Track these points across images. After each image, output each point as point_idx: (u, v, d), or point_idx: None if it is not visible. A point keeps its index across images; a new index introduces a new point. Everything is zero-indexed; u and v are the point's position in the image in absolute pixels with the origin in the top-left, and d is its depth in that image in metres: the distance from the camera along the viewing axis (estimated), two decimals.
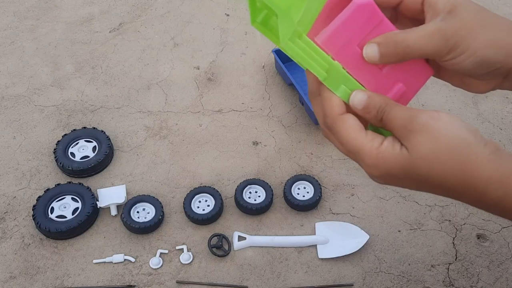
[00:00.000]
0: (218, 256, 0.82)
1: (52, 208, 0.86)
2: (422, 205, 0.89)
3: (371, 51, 0.45)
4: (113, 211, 0.86)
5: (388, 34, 0.45)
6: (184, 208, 0.86)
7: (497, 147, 0.44)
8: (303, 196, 0.88)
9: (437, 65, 0.49)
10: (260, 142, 0.98)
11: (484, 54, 0.45)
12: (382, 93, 0.47)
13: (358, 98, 0.46)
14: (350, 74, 0.46)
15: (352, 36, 0.45)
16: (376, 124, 0.47)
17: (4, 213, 0.87)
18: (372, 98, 0.46)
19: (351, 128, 0.46)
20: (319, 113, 0.49)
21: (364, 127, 0.47)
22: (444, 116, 0.44)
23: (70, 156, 0.93)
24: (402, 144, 0.45)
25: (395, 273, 0.80)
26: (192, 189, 0.88)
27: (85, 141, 0.95)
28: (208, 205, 0.87)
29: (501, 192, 0.43)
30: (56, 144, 0.94)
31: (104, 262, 0.81)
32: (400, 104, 0.46)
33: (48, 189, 0.88)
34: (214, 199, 0.87)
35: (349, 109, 0.47)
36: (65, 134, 0.96)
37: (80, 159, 0.92)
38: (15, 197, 0.90)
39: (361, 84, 0.47)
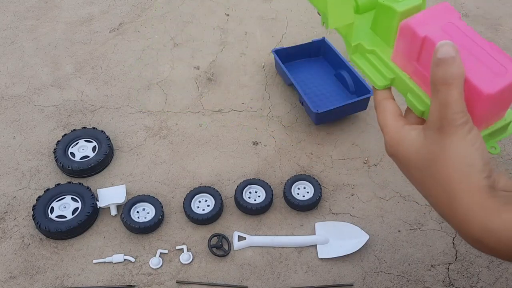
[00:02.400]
0: (218, 256, 0.82)
1: (52, 208, 0.86)
2: (422, 205, 0.89)
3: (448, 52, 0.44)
4: (113, 211, 0.86)
5: None
6: (184, 208, 0.86)
7: (493, 182, 0.44)
8: (303, 196, 0.88)
9: None
10: (260, 142, 0.98)
11: None
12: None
13: (445, 49, 0.43)
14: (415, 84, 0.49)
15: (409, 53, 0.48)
16: (431, 81, 0.45)
17: (4, 213, 0.87)
18: (455, 59, 0.43)
19: (386, 110, 0.49)
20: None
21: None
22: (474, 131, 0.43)
23: (70, 156, 0.93)
24: (439, 132, 0.44)
25: (395, 273, 0.80)
26: (192, 189, 0.88)
27: (85, 141, 0.95)
28: (208, 205, 0.87)
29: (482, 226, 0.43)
30: (56, 144, 0.94)
31: (104, 262, 0.81)
32: (460, 87, 0.44)
33: (48, 189, 0.88)
34: (214, 199, 0.87)
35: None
36: (65, 134, 0.96)
37: (80, 159, 0.92)
38: (15, 197, 0.90)
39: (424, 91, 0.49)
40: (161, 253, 0.82)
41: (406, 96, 0.49)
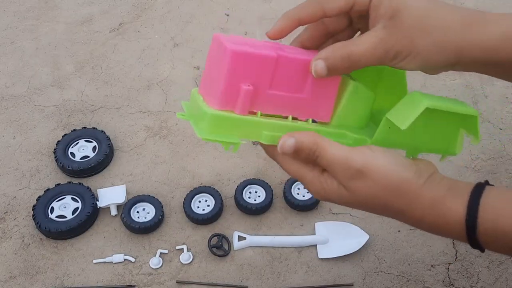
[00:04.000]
0: (218, 256, 0.82)
1: (52, 208, 0.86)
2: None
3: (320, 67, 0.46)
4: (113, 211, 0.86)
5: (333, 47, 0.46)
6: (184, 208, 0.86)
7: (430, 172, 0.46)
8: (303, 196, 0.88)
9: None
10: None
11: (426, 58, 0.46)
12: (311, 112, 0.49)
13: (287, 144, 0.47)
14: (270, 117, 0.48)
15: (255, 83, 0.45)
16: (312, 164, 0.48)
17: (4, 213, 0.87)
18: (300, 142, 0.46)
19: (290, 164, 0.50)
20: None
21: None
22: (379, 156, 0.46)
23: (70, 156, 0.93)
24: (340, 184, 0.47)
25: (395, 273, 0.80)
26: (192, 189, 0.89)
27: (85, 141, 0.95)
28: (208, 205, 0.87)
29: (434, 216, 0.46)
30: (56, 144, 0.94)
31: (104, 262, 0.81)
32: (329, 141, 0.46)
33: (48, 189, 0.88)
34: (214, 199, 0.87)
35: None
36: (65, 134, 0.96)
37: (80, 159, 0.92)
38: (15, 197, 0.90)
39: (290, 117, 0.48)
40: (161, 253, 0.82)
41: (261, 134, 0.47)
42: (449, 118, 0.50)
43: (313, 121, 0.50)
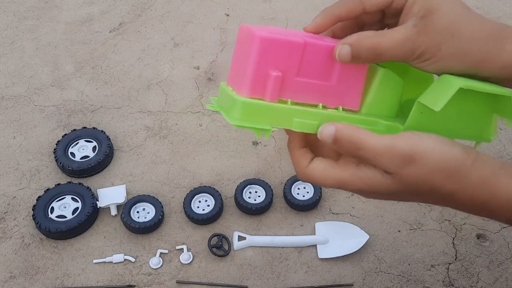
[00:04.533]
0: (218, 256, 0.82)
1: (52, 208, 0.86)
2: (422, 205, 0.89)
3: (344, 51, 0.46)
4: (113, 211, 0.86)
5: (361, 36, 0.45)
6: (184, 208, 0.86)
7: (476, 152, 0.45)
8: (303, 196, 0.88)
9: None
10: (260, 142, 0.98)
11: (446, 64, 0.46)
12: (340, 100, 0.48)
13: (327, 131, 0.46)
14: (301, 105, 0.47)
15: (282, 69, 0.45)
16: (351, 157, 0.47)
17: (4, 213, 0.87)
18: (341, 131, 0.45)
19: (320, 172, 0.47)
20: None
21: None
22: (425, 138, 0.44)
23: (70, 156, 0.93)
24: (386, 172, 0.45)
25: (395, 273, 0.80)
26: (192, 189, 0.89)
27: (85, 141, 0.95)
28: (208, 205, 0.87)
29: (486, 196, 0.44)
30: (56, 144, 0.94)
31: (104, 262, 0.81)
32: (368, 131, 0.45)
33: (48, 189, 0.88)
34: (214, 199, 0.87)
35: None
36: (65, 134, 0.96)
37: (80, 159, 0.92)
38: (15, 197, 0.90)
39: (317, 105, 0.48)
40: (161, 253, 0.82)
41: (292, 121, 0.46)
42: (482, 100, 0.49)
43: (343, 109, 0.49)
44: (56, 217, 0.84)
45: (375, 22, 0.51)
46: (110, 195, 0.87)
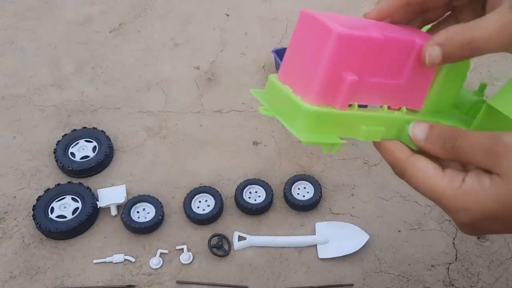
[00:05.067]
0: (218, 256, 0.82)
1: (52, 208, 0.86)
2: (422, 205, 0.89)
3: (435, 53, 0.39)
4: (113, 211, 0.86)
5: (451, 32, 0.39)
6: (184, 208, 0.86)
7: None
8: (303, 196, 0.88)
9: None
10: (260, 142, 0.98)
11: None
12: (405, 100, 0.42)
13: (419, 127, 0.40)
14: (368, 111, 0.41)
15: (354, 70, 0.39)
16: (446, 157, 0.40)
17: (4, 213, 0.87)
18: (435, 126, 0.40)
19: (422, 170, 0.39)
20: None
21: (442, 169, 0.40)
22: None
23: (70, 156, 0.93)
24: (490, 173, 0.37)
25: (395, 273, 0.80)
26: (192, 189, 0.88)
27: (85, 141, 0.95)
28: (208, 205, 0.87)
29: None
30: (56, 144, 0.94)
31: (104, 262, 0.81)
32: (469, 130, 0.39)
33: (48, 189, 0.88)
34: (214, 199, 0.87)
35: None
36: (65, 134, 0.96)
37: (80, 159, 0.92)
38: (15, 197, 0.90)
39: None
40: (161, 253, 0.82)
41: (359, 129, 0.41)
42: None
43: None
44: (56, 217, 0.84)
45: (441, 5, 0.45)
46: (110, 195, 0.87)
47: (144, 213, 0.86)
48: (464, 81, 0.45)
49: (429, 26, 0.47)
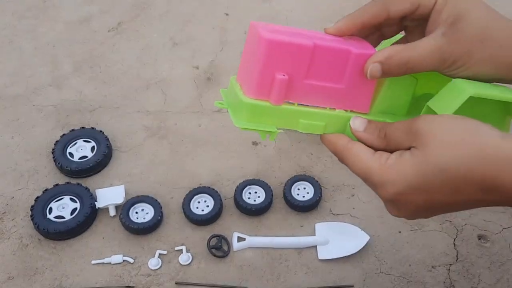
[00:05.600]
0: (218, 257, 0.81)
1: (51, 209, 0.85)
2: None
3: (375, 69, 0.45)
4: (112, 212, 0.86)
5: (391, 52, 0.45)
6: (183, 208, 0.86)
7: (504, 132, 0.42)
8: (303, 196, 0.87)
9: None
10: (260, 142, 0.98)
11: (478, 70, 0.46)
12: (349, 103, 0.48)
13: (359, 120, 0.47)
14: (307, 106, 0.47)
15: (289, 72, 0.44)
16: (382, 145, 0.46)
17: (2, 213, 0.87)
18: (371, 121, 0.47)
19: (356, 153, 0.46)
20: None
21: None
22: (444, 114, 0.44)
23: (69, 156, 0.92)
24: (409, 149, 0.43)
25: (396, 274, 0.80)
26: (191, 189, 0.88)
27: (84, 141, 0.95)
28: (208, 206, 0.86)
29: None
30: (55, 144, 0.94)
31: (103, 263, 0.81)
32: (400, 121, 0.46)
33: (46, 190, 0.87)
34: (214, 199, 0.86)
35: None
36: (63, 134, 0.96)
37: (79, 159, 0.92)
38: (13, 197, 0.89)
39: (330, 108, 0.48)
40: (160, 254, 0.82)
41: (298, 122, 0.47)
42: (494, 106, 0.48)
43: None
44: (55, 217, 0.84)
45: (394, 24, 0.50)
46: (109, 196, 0.87)
47: (143, 213, 0.85)
48: (412, 92, 0.50)
49: (387, 40, 0.53)
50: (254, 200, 0.86)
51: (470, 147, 0.40)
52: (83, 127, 0.97)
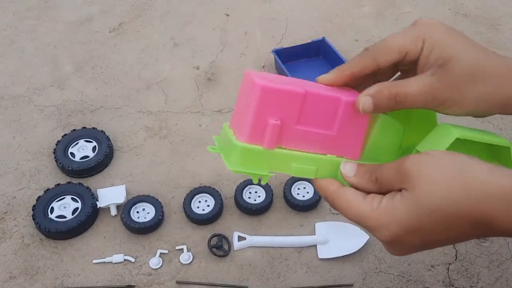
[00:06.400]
0: (218, 256, 0.82)
1: (52, 208, 0.85)
2: None
3: (367, 103, 0.46)
4: (113, 211, 0.86)
5: (381, 86, 0.46)
6: (184, 208, 0.86)
7: (490, 164, 0.43)
8: (303, 196, 0.88)
9: None
10: None
11: (472, 108, 0.46)
12: (340, 150, 0.49)
13: (349, 165, 0.47)
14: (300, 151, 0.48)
15: (281, 118, 0.45)
16: (373, 189, 0.46)
17: (4, 213, 0.87)
18: (362, 164, 0.47)
19: (347, 199, 0.46)
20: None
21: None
22: (430, 151, 0.43)
23: (70, 156, 0.93)
24: (400, 191, 0.43)
25: (395, 273, 0.80)
26: (192, 189, 0.88)
27: (85, 141, 0.95)
28: (208, 205, 0.86)
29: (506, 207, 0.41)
30: (56, 144, 0.94)
31: (104, 262, 0.81)
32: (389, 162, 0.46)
33: (48, 189, 0.88)
34: (214, 199, 0.87)
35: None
36: (65, 134, 0.96)
37: (80, 159, 0.92)
38: (15, 197, 0.90)
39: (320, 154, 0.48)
40: (161, 253, 0.82)
41: (291, 166, 0.48)
42: (480, 149, 0.49)
43: None
44: (56, 217, 0.84)
45: (386, 72, 0.51)
46: (110, 195, 0.87)
47: (144, 213, 0.86)
48: (400, 139, 0.51)
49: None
50: (255, 200, 0.87)
51: (458, 185, 0.41)
52: (84, 127, 0.97)
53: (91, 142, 0.95)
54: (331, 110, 0.47)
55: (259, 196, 0.87)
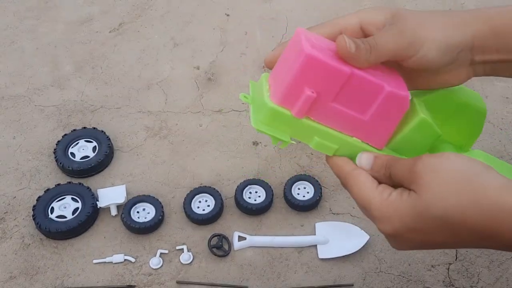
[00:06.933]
0: (218, 256, 0.82)
1: (52, 208, 0.85)
2: None
3: (348, 43, 0.45)
4: (113, 211, 0.86)
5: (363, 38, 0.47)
6: (184, 208, 0.86)
7: (505, 178, 0.42)
8: (303, 196, 0.88)
9: (408, 74, 0.49)
10: (260, 142, 0.98)
11: (444, 38, 0.46)
12: (367, 136, 0.48)
13: (365, 157, 0.47)
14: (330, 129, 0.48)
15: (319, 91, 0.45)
16: (388, 182, 0.46)
17: (4, 213, 0.87)
18: (378, 156, 0.47)
19: (360, 182, 0.46)
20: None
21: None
22: (447, 154, 0.43)
23: (70, 156, 0.93)
24: (410, 190, 0.43)
25: (395, 273, 0.80)
26: (192, 189, 0.88)
27: (85, 141, 0.95)
28: (208, 205, 0.86)
29: None
30: (56, 144, 0.94)
31: (104, 262, 0.81)
32: (406, 158, 0.46)
33: (48, 189, 0.88)
34: (214, 199, 0.87)
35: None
36: (65, 134, 0.96)
37: (80, 159, 0.92)
38: (15, 197, 0.90)
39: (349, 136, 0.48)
40: (161, 253, 0.82)
41: (313, 139, 0.48)
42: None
43: None
44: (56, 217, 0.84)
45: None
46: (110, 195, 0.87)
47: (144, 213, 0.86)
48: (430, 143, 0.50)
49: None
50: (255, 200, 0.87)
51: (468, 197, 0.40)
52: (84, 127, 0.97)
53: (91, 142, 0.95)
54: (371, 96, 0.46)
55: (259, 196, 0.87)
